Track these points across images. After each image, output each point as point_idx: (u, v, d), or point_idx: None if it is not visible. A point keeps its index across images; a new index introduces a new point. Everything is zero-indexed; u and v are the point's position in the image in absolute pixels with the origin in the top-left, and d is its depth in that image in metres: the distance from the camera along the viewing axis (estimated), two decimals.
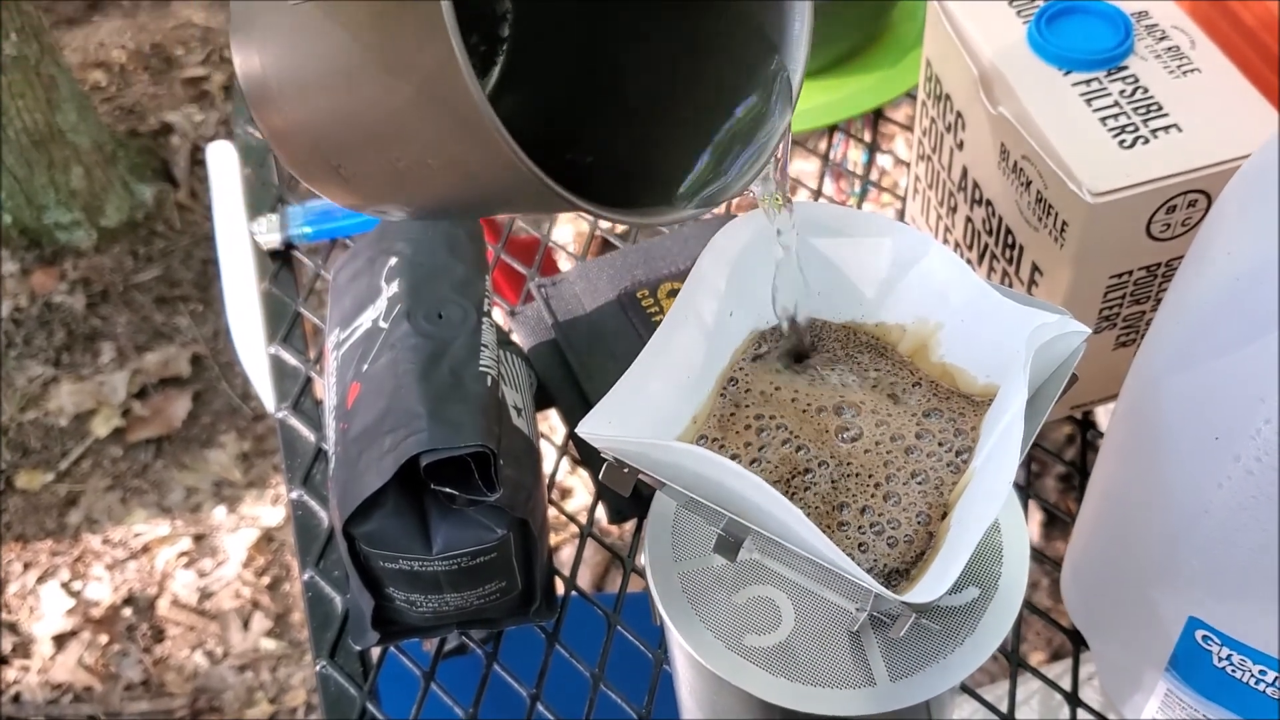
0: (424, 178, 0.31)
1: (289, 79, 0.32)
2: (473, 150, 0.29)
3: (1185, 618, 0.42)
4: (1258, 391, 0.35)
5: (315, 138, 0.33)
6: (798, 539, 0.33)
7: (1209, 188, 0.49)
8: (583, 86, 0.41)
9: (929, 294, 0.39)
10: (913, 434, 0.39)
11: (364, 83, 0.30)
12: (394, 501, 0.47)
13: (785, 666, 0.39)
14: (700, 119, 0.38)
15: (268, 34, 0.32)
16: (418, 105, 0.29)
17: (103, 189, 1.78)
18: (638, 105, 0.40)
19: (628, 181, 0.39)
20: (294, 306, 0.71)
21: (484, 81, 0.42)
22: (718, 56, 0.39)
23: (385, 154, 0.31)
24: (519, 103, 0.41)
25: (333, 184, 0.34)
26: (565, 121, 0.41)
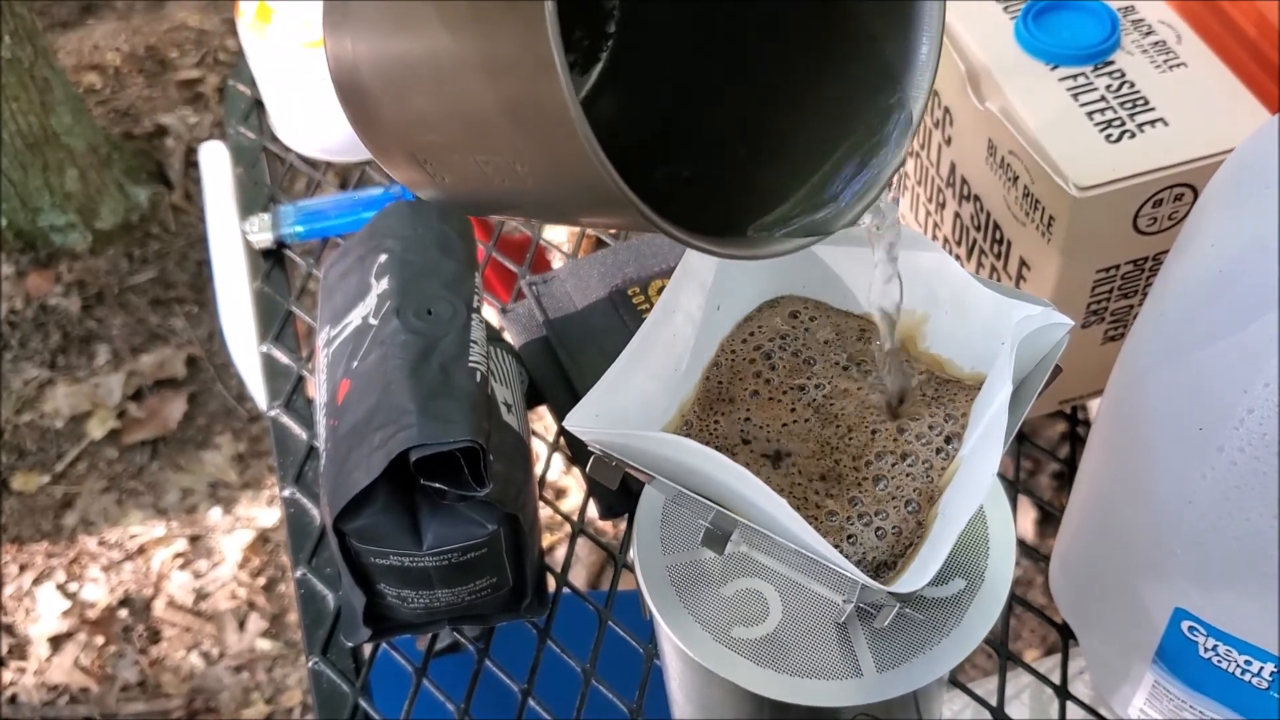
0: (511, 184, 0.30)
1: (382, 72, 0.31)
2: (564, 163, 0.28)
3: (1171, 609, 0.42)
4: (1241, 382, 0.35)
5: (404, 133, 0.32)
6: (782, 529, 0.33)
7: (1195, 181, 0.49)
8: (688, 95, 0.39)
9: (914, 286, 0.39)
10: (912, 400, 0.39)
11: (458, 83, 0.29)
12: (384, 497, 0.47)
13: (773, 658, 0.39)
14: (813, 143, 0.36)
15: (363, 22, 0.31)
16: (511, 111, 0.28)
17: (98, 191, 1.78)
18: (745, 122, 0.38)
19: (726, 201, 0.36)
20: (286, 305, 0.71)
21: (584, 78, 0.40)
22: (836, 77, 0.36)
23: (473, 155, 0.30)
24: (618, 104, 0.39)
25: (419, 178, 0.33)
26: (665, 130, 0.39)
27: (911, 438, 0.38)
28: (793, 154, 0.36)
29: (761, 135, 0.37)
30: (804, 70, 0.37)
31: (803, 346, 0.41)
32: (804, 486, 0.38)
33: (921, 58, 0.34)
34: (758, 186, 0.36)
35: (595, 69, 0.40)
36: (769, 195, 0.35)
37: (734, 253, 0.32)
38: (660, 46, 0.39)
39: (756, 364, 0.41)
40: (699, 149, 0.38)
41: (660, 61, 0.39)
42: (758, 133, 0.37)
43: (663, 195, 0.32)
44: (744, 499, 0.34)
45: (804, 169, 0.35)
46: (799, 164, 0.36)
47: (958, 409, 0.38)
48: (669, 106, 0.39)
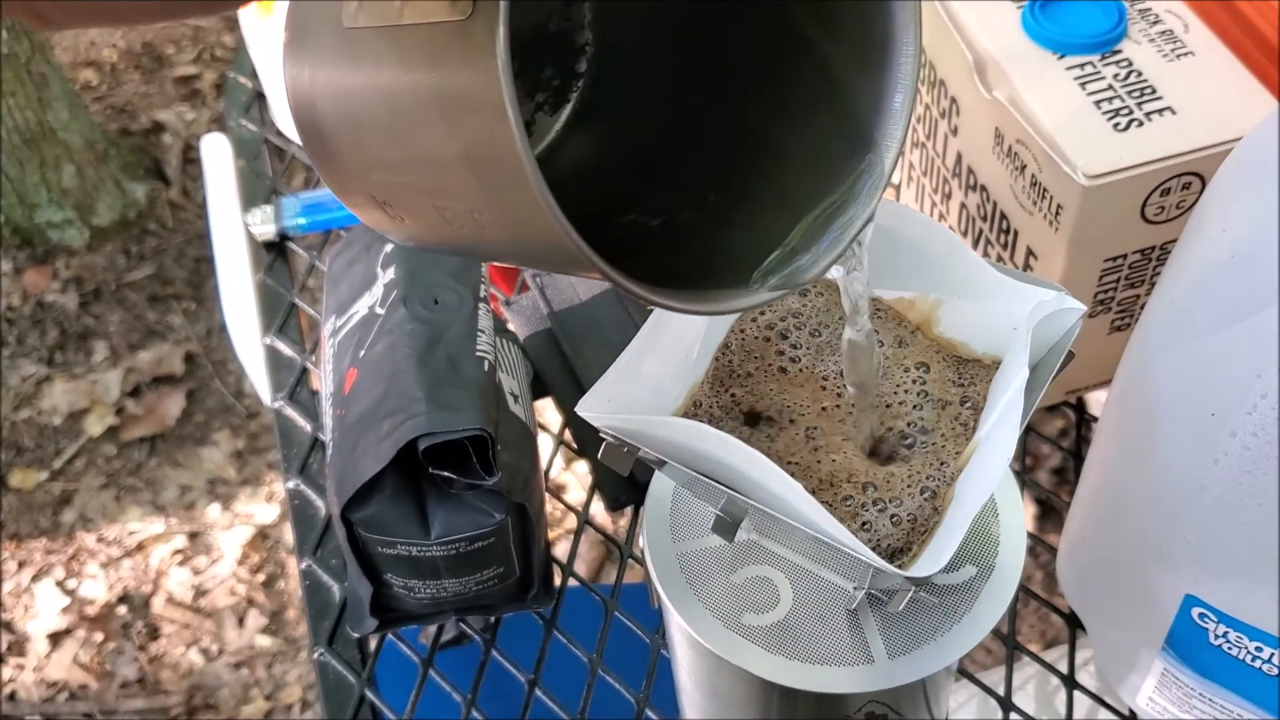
0: (471, 231, 0.29)
1: (339, 108, 0.30)
2: (519, 214, 0.27)
3: (1182, 596, 0.42)
4: (1254, 367, 0.35)
5: (363, 173, 0.31)
6: (796, 514, 0.33)
7: (1203, 170, 0.49)
8: (659, 140, 0.38)
9: (928, 270, 0.39)
10: (918, 388, 0.39)
11: (413, 126, 0.28)
12: (392, 486, 0.47)
13: (784, 645, 0.39)
14: (782, 194, 0.35)
15: (320, 54, 0.30)
16: (465, 158, 0.27)
17: (95, 187, 1.77)
18: (715, 170, 0.37)
19: (693, 251, 0.36)
20: (289, 297, 0.71)
21: (553, 118, 0.39)
22: (808, 127, 0.36)
23: (432, 200, 0.29)
24: (587, 146, 0.39)
25: (380, 220, 0.32)
26: (634, 176, 0.38)
27: (930, 422, 0.38)
28: (762, 204, 0.36)
29: (731, 184, 0.37)
30: (776, 120, 0.36)
31: (820, 325, 0.41)
32: (818, 470, 0.38)
33: (895, 107, 0.34)
34: (727, 237, 0.36)
35: (565, 109, 0.39)
36: (737, 246, 0.35)
37: (696, 308, 0.31)
38: (632, 88, 0.39)
39: (773, 342, 0.40)
40: (668, 196, 0.37)
41: (632, 104, 0.39)
42: (728, 181, 0.37)
43: (628, 242, 0.31)
44: (758, 484, 0.34)
45: (773, 220, 0.35)
46: (768, 215, 0.35)
47: (977, 391, 0.38)
48: (639, 151, 0.38)
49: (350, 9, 0.28)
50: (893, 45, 0.33)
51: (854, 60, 0.34)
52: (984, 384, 0.38)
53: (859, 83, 0.34)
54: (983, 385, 0.38)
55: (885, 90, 0.34)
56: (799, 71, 0.35)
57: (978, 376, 0.39)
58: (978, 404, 0.38)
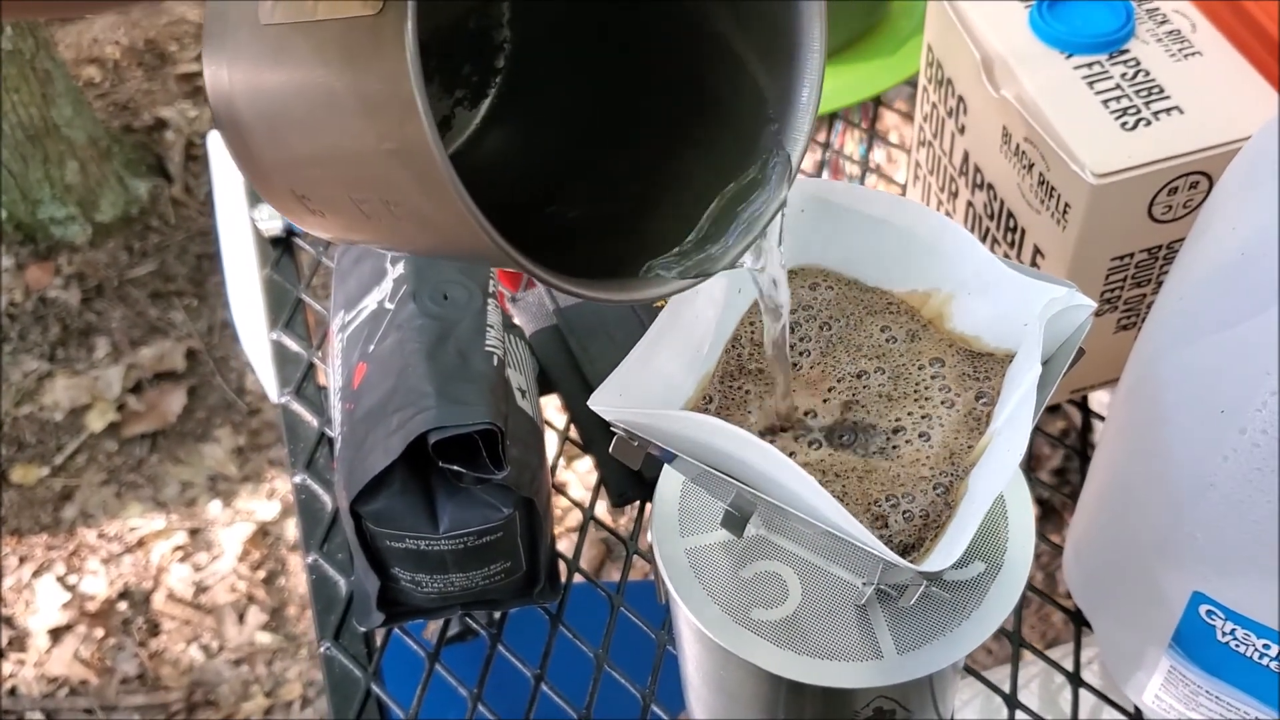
0: (389, 224, 0.30)
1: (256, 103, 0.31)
2: (436, 210, 0.28)
3: (1189, 593, 0.42)
4: (1264, 364, 0.36)
5: (281, 167, 0.32)
6: (809, 508, 0.33)
7: (1210, 169, 0.49)
8: (575, 134, 0.39)
9: (940, 265, 0.40)
10: (933, 383, 0.39)
11: (329, 121, 0.29)
12: (401, 480, 0.47)
13: (792, 640, 0.39)
14: (695, 185, 0.36)
15: (240, 52, 0.31)
16: (380, 152, 0.28)
17: (98, 184, 1.77)
18: (630, 163, 0.38)
19: (612, 241, 0.37)
20: (295, 293, 0.71)
21: (472, 113, 0.40)
22: (720, 121, 0.37)
23: (349, 193, 0.30)
24: (505, 141, 0.40)
25: (302, 215, 0.33)
26: (552, 170, 0.39)
27: (942, 415, 0.38)
28: (676, 195, 0.37)
29: (647, 176, 0.38)
30: (690, 113, 0.37)
31: (830, 319, 0.41)
32: (830, 465, 0.38)
33: (801, 101, 0.35)
34: (643, 227, 0.36)
35: (483, 104, 0.40)
36: (654, 236, 0.36)
37: (608, 296, 0.32)
38: (550, 84, 0.39)
39: None
40: (586, 187, 0.38)
41: (549, 99, 0.40)
42: (643, 173, 0.38)
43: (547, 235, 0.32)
44: (771, 478, 0.34)
45: (687, 210, 0.36)
46: (682, 205, 0.36)
47: (992, 385, 0.38)
48: (557, 145, 0.39)
49: (266, 6, 0.29)
50: (800, 42, 0.34)
51: (764, 56, 0.35)
52: (998, 378, 0.39)
53: (769, 78, 0.35)
54: (997, 379, 0.38)
55: (793, 85, 0.35)
56: (712, 67, 0.36)
57: (992, 371, 0.39)
58: (993, 398, 0.38)
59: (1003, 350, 0.39)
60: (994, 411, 0.38)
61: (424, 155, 0.26)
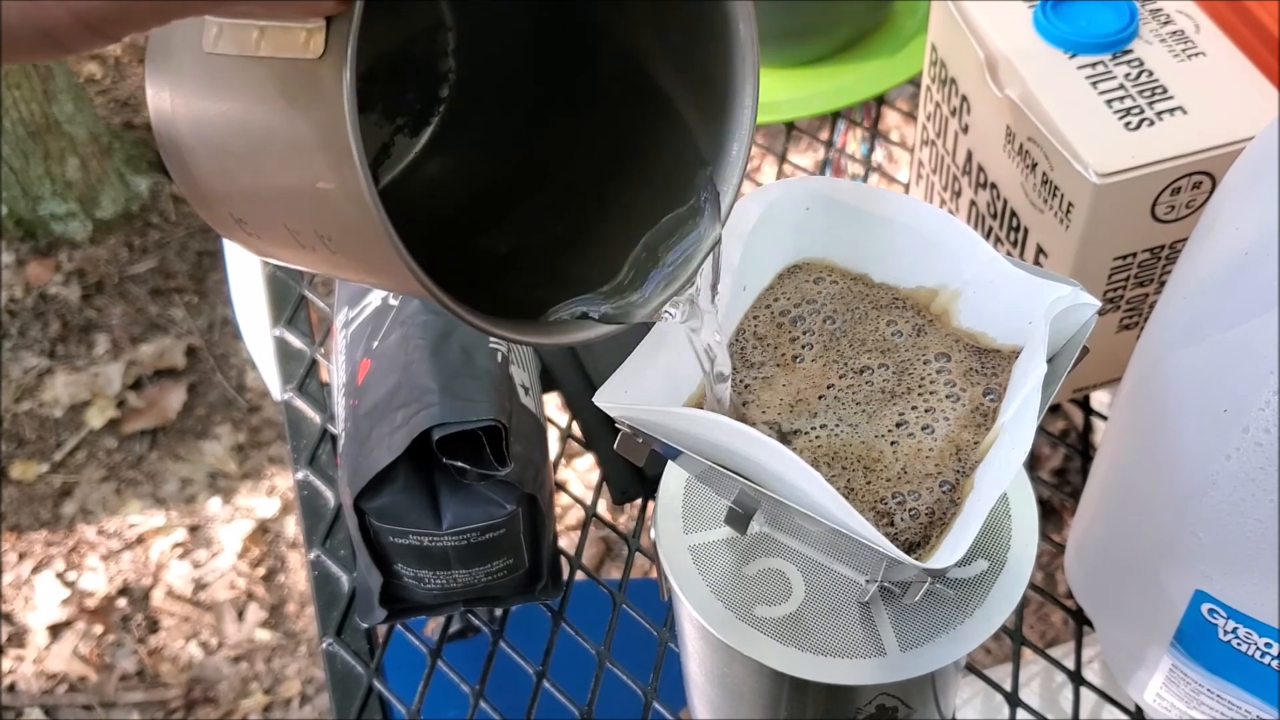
0: (322, 253, 0.30)
1: (198, 130, 0.31)
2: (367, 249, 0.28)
3: (1191, 592, 0.42)
4: (1266, 364, 0.36)
5: (220, 193, 0.32)
6: (815, 505, 0.33)
7: (1213, 169, 0.49)
8: (511, 169, 0.40)
9: (945, 262, 0.40)
10: (939, 378, 0.39)
11: (265, 156, 0.29)
12: (404, 477, 0.47)
13: (796, 637, 0.39)
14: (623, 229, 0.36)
15: (183, 76, 0.31)
16: (315, 193, 0.28)
17: (98, 180, 1.77)
18: (564, 200, 0.38)
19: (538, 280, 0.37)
20: (299, 289, 0.71)
21: (413, 140, 0.40)
22: (652, 167, 0.37)
23: (285, 223, 0.31)
24: (442, 171, 0.40)
25: (238, 235, 0.33)
26: (487, 201, 0.39)
27: (948, 411, 0.38)
28: (607, 237, 0.37)
29: (580, 215, 0.38)
30: (623, 157, 0.38)
31: (834, 312, 0.41)
32: (835, 460, 0.38)
33: (732, 155, 0.35)
34: (572, 267, 0.37)
35: (425, 132, 0.40)
36: (579, 277, 0.36)
37: (528, 339, 0.32)
38: (489, 117, 0.40)
39: (785, 329, 0.41)
40: (519, 223, 0.38)
41: (489, 131, 0.40)
42: (577, 213, 0.38)
43: (481, 269, 0.32)
44: (775, 474, 0.34)
45: (616, 254, 0.36)
46: (612, 248, 0.36)
47: (1000, 381, 0.39)
48: (494, 177, 0.40)
49: (211, 34, 0.29)
50: (732, 96, 0.35)
51: (698, 105, 0.36)
52: (1005, 374, 0.39)
53: (702, 130, 0.36)
54: (1004, 375, 0.39)
55: (724, 138, 0.35)
56: (647, 114, 0.37)
57: (999, 366, 0.39)
58: (999, 394, 0.38)
59: (1010, 346, 0.39)
60: (1000, 407, 0.38)
61: (357, 200, 0.27)
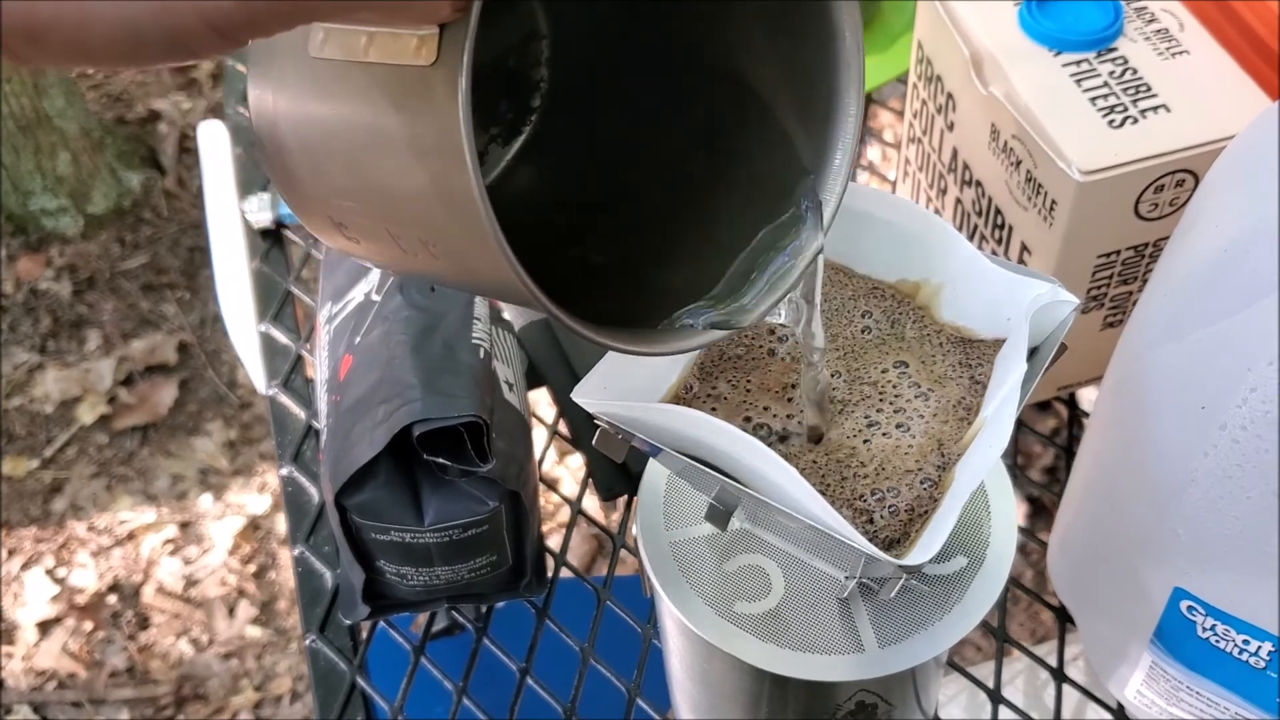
0: (424, 259, 0.30)
1: (300, 133, 0.31)
2: (472, 253, 0.28)
3: (1170, 589, 0.42)
4: (1244, 360, 0.36)
5: (322, 196, 0.32)
6: (792, 502, 0.33)
7: (1196, 168, 0.49)
8: (604, 179, 0.39)
9: (926, 258, 0.40)
10: (918, 363, 0.39)
11: (371, 159, 0.29)
12: (386, 473, 0.47)
13: (775, 633, 0.39)
14: (725, 238, 0.36)
15: (286, 79, 0.31)
16: (421, 195, 0.28)
17: (90, 175, 1.77)
18: (662, 211, 0.38)
19: (636, 290, 0.37)
20: (284, 285, 0.71)
21: (505, 149, 0.40)
22: (753, 175, 0.37)
23: (387, 228, 0.30)
24: (536, 180, 0.40)
25: (337, 239, 0.33)
26: (580, 211, 0.39)
27: (931, 404, 0.38)
28: (705, 247, 0.37)
29: (677, 225, 0.38)
30: (722, 167, 0.37)
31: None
32: (814, 456, 0.38)
33: (835, 163, 0.35)
34: (669, 277, 0.36)
35: (517, 141, 0.40)
36: (680, 286, 0.36)
37: (635, 348, 0.32)
38: (583, 125, 0.40)
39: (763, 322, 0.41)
40: (613, 234, 0.38)
41: (582, 140, 0.40)
42: (672, 222, 0.38)
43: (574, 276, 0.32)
44: (754, 471, 0.34)
45: (716, 263, 0.36)
46: (710, 257, 0.36)
47: (983, 373, 0.38)
48: (587, 187, 0.39)
49: (317, 39, 0.29)
50: (836, 103, 0.35)
51: (800, 113, 0.36)
52: (989, 365, 0.39)
53: (803, 137, 0.36)
54: (988, 367, 0.39)
55: (828, 147, 0.35)
56: (747, 122, 0.36)
57: (984, 357, 0.39)
58: (983, 385, 0.38)
59: (993, 338, 0.39)
60: (984, 400, 0.38)
61: (468, 205, 0.26)
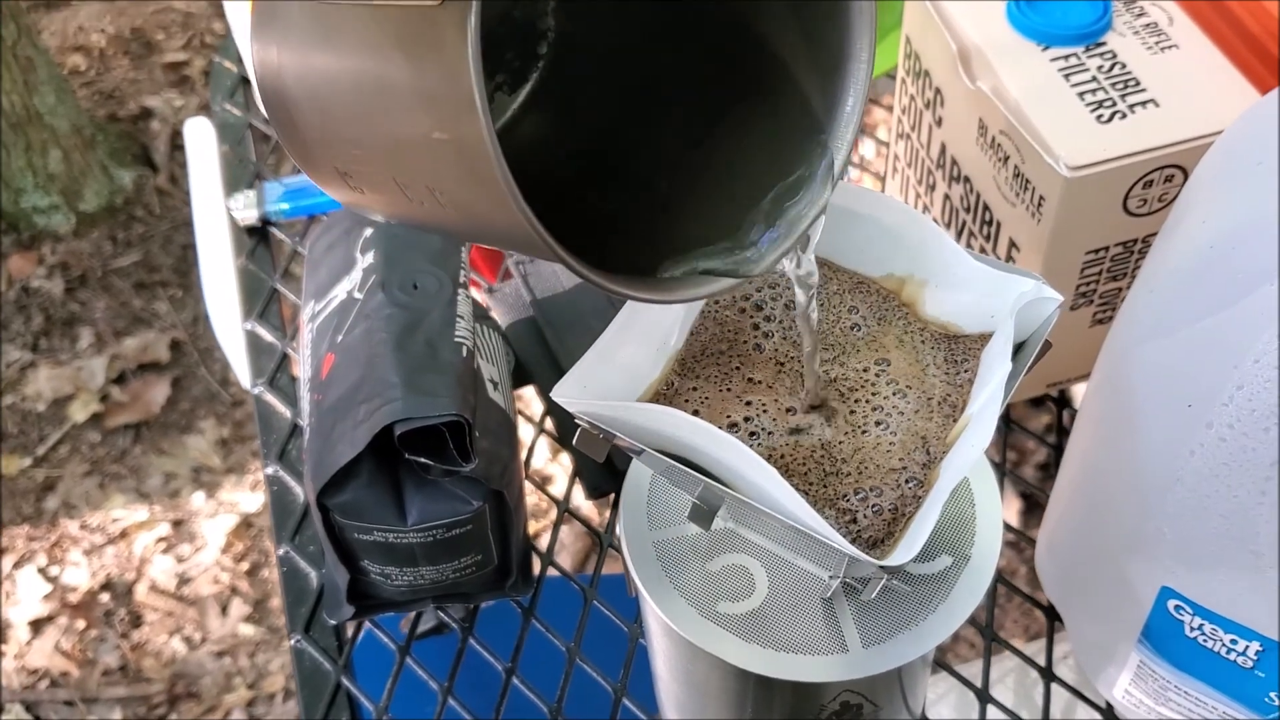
0: (430, 208, 0.30)
1: (305, 84, 0.31)
2: (481, 200, 0.28)
3: (1158, 588, 0.42)
4: (1230, 358, 0.35)
5: (326, 146, 0.32)
6: (773, 502, 0.33)
7: (1185, 163, 0.49)
8: (614, 127, 0.39)
9: (909, 256, 0.39)
10: (904, 361, 0.39)
11: (378, 107, 0.29)
12: (368, 472, 0.47)
13: (759, 633, 0.39)
14: (734, 186, 0.36)
15: (289, 32, 0.31)
16: (429, 142, 0.28)
17: (81, 173, 1.76)
18: (669, 160, 0.38)
19: (644, 238, 0.36)
20: (270, 283, 0.71)
21: (511, 98, 0.40)
22: (762, 124, 0.37)
23: (394, 176, 0.30)
24: (542, 129, 0.39)
25: (341, 190, 0.33)
26: (588, 160, 0.39)
27: (915, 400, 0.38)
28: (714, 196, 0.36)
29: (684, 174, 0.37)
30: (731, 114, 0.37)
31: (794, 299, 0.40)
32: (798, 453, 0.38)
33: (847, 109, 0.35)
34: (677, 226, 0.36)
35: (523, 89, 0.39)
36: (688, 235, 0.35)
37: (645, 295, 0.32)
38: (591, 75, 0.39)
39: (748, 314, 0.40)
40: (621, 182, 0.38)
41: (589, 89, 0.39)
42: (680, 171, 0.37)
43: (581, 225, 0.31)
44: (734, 471, 0.33)
45: (724, 212, 0.36)
46: (719, 206, 0.36)
47: (969, 368, 0.38)
48: (594, 137, 0.39)
49: None
50: (847, 50, 0.34)
51: (810, 63, 0.35)
52: (974, 360, 0.38)
53: (813, 85, 0.35)
54: (974, 362, 0.38)
55: (839, 94, 0.35)
56: (756, 72, 0.36)
57: (969, 352, 0.38)
58: (968, 380, 0.38)
59: (978, 333, 0.39)
60: (970, 396, 0.37)
61: (479, 150, 0.26)
